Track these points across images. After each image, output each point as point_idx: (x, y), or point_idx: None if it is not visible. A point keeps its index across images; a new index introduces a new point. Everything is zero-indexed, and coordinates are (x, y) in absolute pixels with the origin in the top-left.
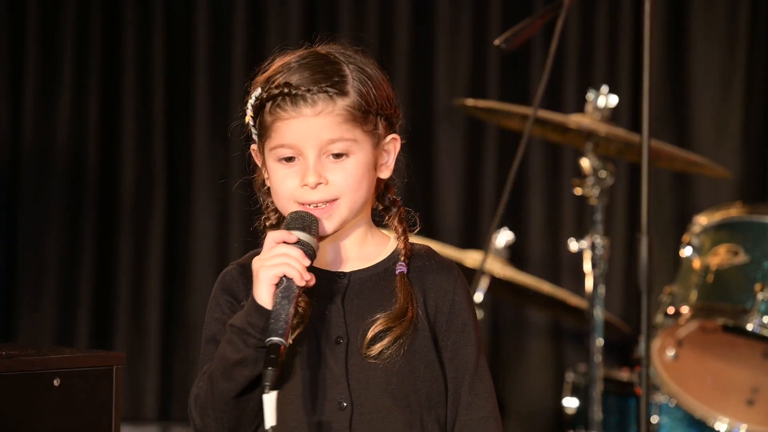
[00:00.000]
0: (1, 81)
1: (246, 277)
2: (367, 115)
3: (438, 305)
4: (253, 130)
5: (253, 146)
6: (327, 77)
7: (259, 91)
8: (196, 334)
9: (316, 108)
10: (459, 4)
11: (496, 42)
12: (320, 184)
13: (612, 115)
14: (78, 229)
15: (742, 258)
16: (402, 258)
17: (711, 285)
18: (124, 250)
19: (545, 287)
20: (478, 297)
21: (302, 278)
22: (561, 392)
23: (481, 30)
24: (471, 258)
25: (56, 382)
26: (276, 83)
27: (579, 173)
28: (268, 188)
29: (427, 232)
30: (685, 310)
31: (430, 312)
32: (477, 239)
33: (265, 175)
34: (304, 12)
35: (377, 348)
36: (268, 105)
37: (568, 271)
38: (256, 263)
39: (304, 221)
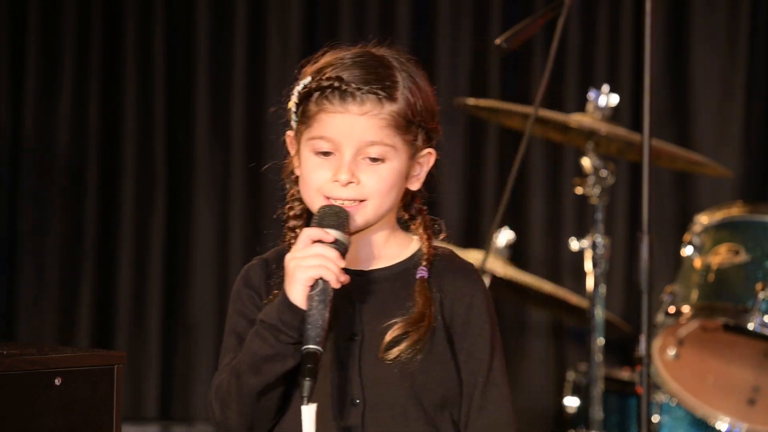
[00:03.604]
0: (1, 81)
1: (268, 272)
2: (409, 125)
3: (455, 308)
4: (294, 117)
5: (290, 133)
6: (379, 80)
7: (308, 79)
8: (197, 333)
9: (364, 107)
10: (459, 4)
11: (497, 41)
12: (351, 183)
13: (613, 115)
14: (78, 229)
15: (743, 257)
16: (424, 263)
17: (712, 284)
18: (124, 250)
19: (546, 286)
20: None
21: (338, 281)
22: (562, 391)
23: (482, 29)
24: (472, 257)
25: (57, 382)
26: (327, 75)
27: (580, 172)
28: (296, 177)
29: None
30: (686, 309)
31: (446, 314)
32: (478, 238)
33: (296, 164)
34: (304, 12)
35: (395, 352)
36: (316, 95)
37: (569, 270)
38: (291, 261)
39: (339, 217)
